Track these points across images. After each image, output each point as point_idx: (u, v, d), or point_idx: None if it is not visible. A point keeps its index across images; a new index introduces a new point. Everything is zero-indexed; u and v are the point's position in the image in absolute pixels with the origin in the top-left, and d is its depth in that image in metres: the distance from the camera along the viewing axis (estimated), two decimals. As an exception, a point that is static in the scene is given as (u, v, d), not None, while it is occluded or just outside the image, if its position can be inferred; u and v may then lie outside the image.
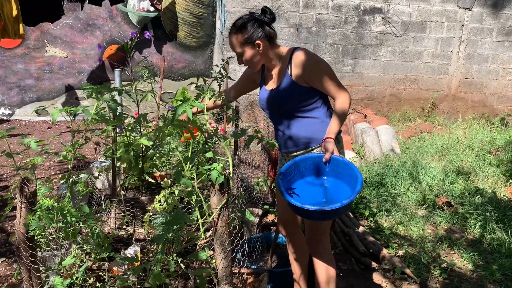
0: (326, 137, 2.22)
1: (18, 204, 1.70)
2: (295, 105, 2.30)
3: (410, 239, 3.80)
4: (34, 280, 1.80)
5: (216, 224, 1.79)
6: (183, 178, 1.68)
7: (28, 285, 1.81)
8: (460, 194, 4.60)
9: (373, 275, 3.22)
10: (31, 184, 1.69)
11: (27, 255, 1.72)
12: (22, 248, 1.72)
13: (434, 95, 7.85)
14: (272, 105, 2.36)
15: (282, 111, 2.34)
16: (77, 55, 7.20)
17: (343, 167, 2.19)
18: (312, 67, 2.23)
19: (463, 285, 3.17)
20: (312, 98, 2.30)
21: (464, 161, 5.51)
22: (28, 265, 1.75)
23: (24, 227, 1.69)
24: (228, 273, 1.83)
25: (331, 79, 2.27)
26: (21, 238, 1.72)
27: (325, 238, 2.42)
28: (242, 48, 2.24)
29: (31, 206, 1.68)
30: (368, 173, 5.10)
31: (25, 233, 1.69)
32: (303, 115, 2.33)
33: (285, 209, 2.55)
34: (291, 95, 2.28)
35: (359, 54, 7.56)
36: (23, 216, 1.69)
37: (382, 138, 6.10)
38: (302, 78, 2.25)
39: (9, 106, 7.24)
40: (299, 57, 2.25)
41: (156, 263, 1.76)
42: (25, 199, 1.68)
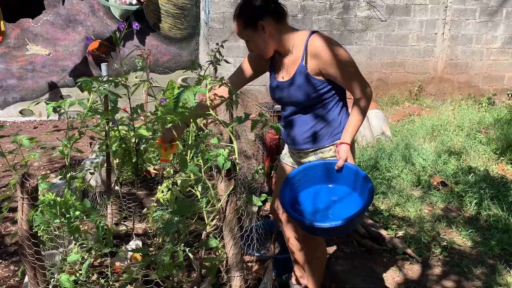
0: (341, 142, 2.04)
1: (20, 200, 1.65)
2: (308, 100, 2.07)
3: (408, 219, 3.82)
4: (40, 277, 1.75)
5: (225, 211, 1.75)
6: (190, 165, 1.63)
7: (33, 283, 1.76)
8: (453, 174, 4.64)
9: (375, 256, 3.23)
10: (32, 179, 1.63)
11: (31, 252, 1.67)
12: (26, 246, 1.67)
13: (421, 77, 7.89)
14: (283, 99, 2.16)
15: (293, 105, 2.14)
16: (60, 52, 7.05)
17: (356, 176, 2.02)
18: (331, 57, 1.95)
19: (464, 261, 3.20)
20: (327, 93, 2.07)
21: (455, 141, 5.56)
22: (33, 262, 1.70)
23: (27, 223, 1.63)
24: (238, 260, 1.80)
25: (352, 72, 2.01)
26: (24, 235, 1.66)
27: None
28: (245, 33, 1.99)
29: (33, 202, 1.63)
30: (362, 157, 5.10)
31: (29, 230, 1.64)
32: (316, 111, 2.11)
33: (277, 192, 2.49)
34: (305, 89, 2.04)
35: (345, 40, 7.55)
36: (26, 212, 1.64)
37: (373, 122, 6.11)
38: (319, 70, 2.00)
39: (-8, 107, 7.07)
40: (315, 45, 1.97)
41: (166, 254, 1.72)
42: (27, 194, 1.62)
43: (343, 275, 2.64)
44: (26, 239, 1.66)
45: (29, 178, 1.63)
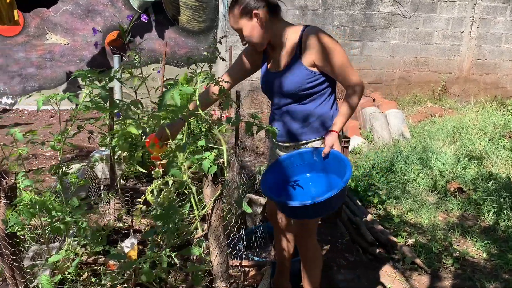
0: (330, 129, 2.04)
1: (-4, 198, 1.58)
2: (301, 92, 2.07)
3: (421, 227, 3.66)
4: (18, 279, 1.69)
5: (210, 218, 1.66)
6: (172, 169, 1.54)
7: (11, 284, 1.70)
8: (472, 180, 4.43)
9: (381, 265, 3.09)
10: (9, 177, 1.56)
11: (7, 252, 1.61)
12: (3, 246, 1.61)
13: (445, 77, 7.61)
14: (276, 90, 2.14)
15: (286, 97, 2.12)
16: (78, 42, 7.07)
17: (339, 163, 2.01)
18: (326, 50, 1.99)
19: (477, 275, 3.03)
20: (320, 85, 2.08)
21: (477, 145, 5.32)
22: (9, 263, 1.64)
23: (3, 223, 1.57)
24: (224, 269, 1.70)
25: (346, 66, 2.03)
26: (1, 236, 1.60)
27: (313, 231, 2.31)
28: (240, 22, 2.00)
29: (9, 201, 1.56)
30: (377, 159, 4.93)
31: (5, 229, 1.58)
32: (308, 104, 2.12)
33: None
34: (299, 81, 2.05)
35: (367, 36, 7.33)
36: (2, 211, 1.58)
37: (391, 123, 5.91)
38: (313, 62, 2.02)
39: (11, 95, 7.16)
40: (311, 38, 2.01)
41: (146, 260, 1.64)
42: (3, 193, 1.56)
43: (344, 285, 2.52)
44: (2, 239, 1.60)
45: (5, 176, 1.56)
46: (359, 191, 4.19)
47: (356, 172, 4.69)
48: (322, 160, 2.06)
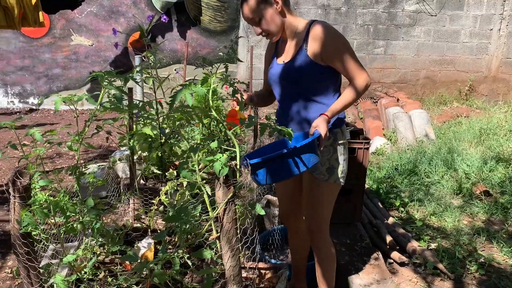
0: (322, 113, 1.99)
1: (12, 198, 1.60)
2: (306, 84, 2.08)
3: (444, 231, 3.55)
4: (33, 278, 1.71)
5: (222, 220, 1.63)
6: (183, 171, 1.52)
7: (27, 283, 1.72)
8: (500, 183, 4.28)
9: (402, 270, 3.01)
10: (24, 178, 1.57)
11: (22, 252, 1.62)
12: (17, 245, 1.63)
13: (472, 76, 7.40)
14: (282, 81, 2.14)
15: (291, 88, 2.12)
16: (102, 43, 7.17)
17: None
18: (331, 43, 1.99)
19: (503, 282, 2.91)
20: (325, 81, 2.08)
21: (505, 147, 5.14)
22: (24, 262, 1.65)
23: (18, 223, 1.58)
24: (236, 273, 1.68)
25: (351, 58, 2.02)
26: (16, 235, 1.62)
27: (325, 229, 2.26)
28: (257, 11, 2.00)
29: (24, 201, 1.58)
30: (400, 160, 4.83)
31: (19, 230, 1.59)
32: (312, 98, 2.11)
33: (286, 200, 2.41)
34: (304, 73, 2.06)
35: (391, 35, 7.19)
36: (17, 211, 1.59)
37: (416, 123, 5.78)
38: (319, 55, 2.02)
39: (37, 95, 7.33)
40: (317, 31, 2.01)
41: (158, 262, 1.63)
42: (18, 193, 1.57)
43: (362, 290, 2.46)
44: (17, 238, 1.62)
45: (21, 177, 1.58)
46: (381, 193, 4.11)
47: (378, 174, 4.60)
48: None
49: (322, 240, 2.25)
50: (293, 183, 2.34)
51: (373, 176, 4.55)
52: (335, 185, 2.20)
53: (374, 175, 4.57)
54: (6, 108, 7.28)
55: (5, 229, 3.44)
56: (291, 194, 2.39)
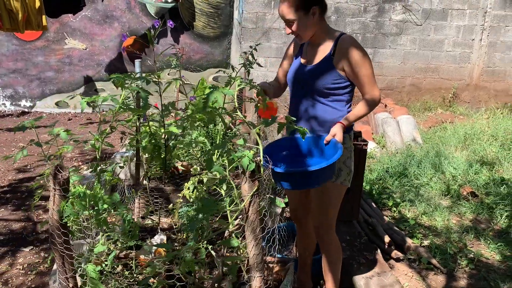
0: (338, 121, 2.18)
1: (52, 191, 1.71)
2: (325, 89, 2.22)
3: (435, 229, 3.75)
4: (68, 266, 1.81)
5: (248, 211, 1.77)
6: (215, 166, 1.66)
7: (61, 271, 1.83)
8: (484, 185, 4.52)
9: (398, 265, 3.19)
10: (64, 171, 1.69)
11: (60, 241, 1.73)
12: (56, 235, 1.74)
13: (456, 84, 7.71)
14: (303, 81, 2.27)
15: (310, 90, 2.26)
16: (96, 47, 7.24)
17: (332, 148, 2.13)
18: (357, 57, 2.14)
19: (491, 275, 3.11)
20: (342, 90, 2.24)
21: (488, 151, 5.41)
22: (61, 251, 1.76)
23: (58, 214, 1.69)
24: (259, 260, 1.82)
25: (370, 75, 2.19)
26: (55, 225, 1.73)
27: (332, 227, 2.43)
28: (296, 13, 2.11)
29: (64, 193, 1.69)
30: (390, 163, 5.04)
31: (59, 220, 1.70)
32: (327, 102, 2.25)
33: (295, 198, 2.55)
34: (326, 79, 2.20)
35: (379, 43, 7.45)
36: (57, 203, 1.70)
37: (403, 128, 6.02)
38: (342, 65, 2.17)
39: (30, 98, 7.33)
40: (346, 44, 2.15)
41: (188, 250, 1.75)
42: (59, 186, 1.69)
43: (364, 282, 2.62)
44: (56, 228, 1.73)
45: (61, 170, 1.69)
46: (373, 194, 4.30)
47: (370, 176, 4.79)
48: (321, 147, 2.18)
49: (330, 237, 2.40)
50: None
51: (365, 178, 4.73)
52: (342, 187, 2.36)
53: (366, 177, 4.76)
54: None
55: (12, 228, 3.50)
56: (300, 194, 2.54)
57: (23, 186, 4.34)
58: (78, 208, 1.68)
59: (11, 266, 3.00)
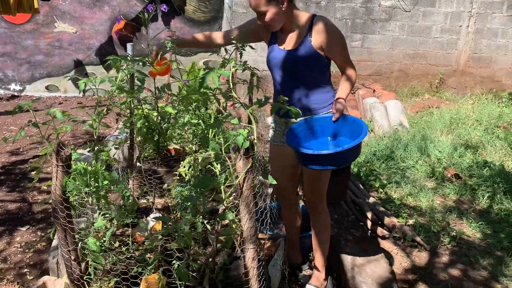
0: (338, 97, 2.30)
1: (55, 167, 1.79)
2: (310, 71, 2.33)
3: (420, 209, 3.90)
4: (69, 239, 1.90)
5: (242, 187, 1.87)
6: (211, 143, 1.75)
7: (63, 244, 1.91)
8: (468, 167, 4.67)
9: (384, 242, 3.33)
10: (66, 149, 1.77)
11: (63, 215, 1.82)
12: (59, 209, 1.82)
13: (443, 70, 7.84)
14: (287, 66, 2.37)
15: (295, 74, 2.37)
16: (86, 30, 7.22)
17: (352, 125, 2.25)
18: (333, 36, 2.27)
19: (472, 252, 3.27)
20: (324, 67, 2.36)
21: (473, 135, 5.57)
22: (64, 225, 1.85)
23: (61, 189, 1.77)
24: (253, 233, 1.92)
25: (346, 52, 2.36)
26: (58, 200, 1.81)
27: (324, 199, 2.58)
28: (267, 6, 2.21)
29: (67, 169, 1.77)
30: (378, 147, 5.17)
31: (62, 195, 1.78)
32: (313, 82, 2.38)
33: (280, 176, 2.65)
34: (308, 60, 2.30)
35: (368, 29, 7.54)
36: (60, 178, 1.78)
37: (391, 113, 6.15)
38: (321, 45, 2.28)
39: (19, 82, 7.30)
40: (321, 25, 2.27)
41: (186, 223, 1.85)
42: (61, 162, 1.76)
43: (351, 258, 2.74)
44: (59, 203, 1.81)
45: (63, 148, 1.77)
46: (361, 176, 4.43)
47: (358, 159, 4.92)
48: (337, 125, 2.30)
49: (322, 209, 2.54)
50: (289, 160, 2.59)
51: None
52: None
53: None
54: (-13, 94, 7.25)
55: (8, 208, 3.57)
56: (286, 171, 2.65)
57: (17, 168, 4.39)
58: (80, 183, 1.76)
59: (9, 245, 3.08)
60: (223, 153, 1.80)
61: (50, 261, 2.56)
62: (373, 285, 2.47)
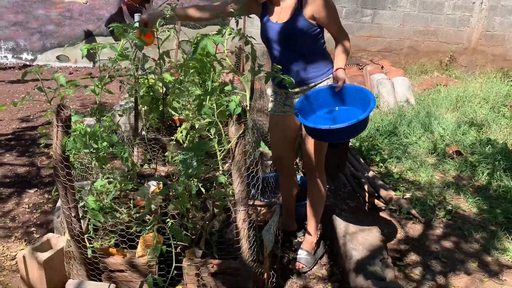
0: (337, 68, 2.35)
1: (55, 127, 1.88)
2: (304, 41, 2.38)
3: (418, 184, 3.95)
4: (70, 197, 2.00)
5: (234, 152, 1.95)
6: (204, 108, 1.82)
7: (64, 201, 2.02)
8: (471, 145, 4.69)
9: (380, 214, 3.40)
10: (66, 110, 1.85)
11: (63, 173, 1.91)
12: (59, 168, 1.91)
13: (453, 48, 7.75)
14: (282, 39, 2.41)
15: (292, 46, 2.41)
16: (96, 1, 7.24)
17: (355, 94, 2.31)
18: (324, 5, 2.31)
19: (466, 225, 3.33)
20: (317, 36, 2.40)
21: (478, 113, 5.55)
22: (64, 183, 1.95)
23: (61, 148, 1.87)
24: (244, 196, 2.01)
25: (338, 20, 2.41)
26: (58, 159, 1.90)
27: (323, 166, 2.66)
28: None
29: (66, 129, 1.86)
30: (382, 122, 5.19)
31: (62, 154, 1.88)
32: (309, 52, 2.43)
33: (280, 145, 2.73)
34: (302, 31, 2.34)
35: (379, 4, 7.44)
36: (60, 138, 1.87)
37: (398, 89, 6.14)
38: (313, 15, 2.32)
39: (31, 51, 7.40)
40: None
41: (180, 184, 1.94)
42: (61, 122, 1.85)
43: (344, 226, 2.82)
44: (60, 162, 1.91)
45: (63, 109, 1.85)
46: (362, 151, 4.48)
47: (361, 134, 4.96)
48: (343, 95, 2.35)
49: (319, 175, 2.64)
50: (288, 130, 2.66)
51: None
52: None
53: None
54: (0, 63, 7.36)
55: (17, 172, 3.70)
56: (286, 141, 2.72)
57: (27, 134, 4.52)
58: (79, 144, 1.85)
59: (17, 205, 3.22)
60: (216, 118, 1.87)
61: (54, 220, 2.69)
62: (363, 252, 2.56)
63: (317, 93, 2.38)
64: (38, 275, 2.29)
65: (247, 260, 2.11)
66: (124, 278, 2.29)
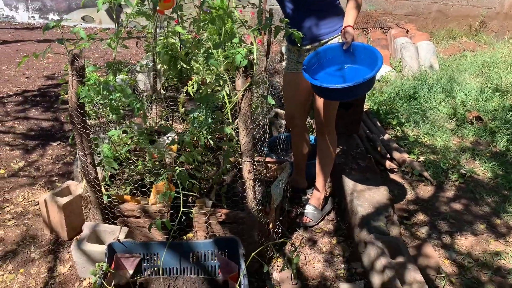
0: (345, 25, 2.32)
1: (70, 76, 1.96)
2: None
3: (434, 148, 3.93)
4: (85, 144, 2.11)
5: (240, 104, 2.00)
6: (211, 59, 1.86)
7: (80, 148, 2.13)
8: (493, 111, 4.60)
9: (391, 175, 3.43)
10: (80, 59, 1.93)
11: (79, 121, 2.02)
12: (75, 115, 2.02)
13: (484, 12, 7.46)
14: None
15: (303, 2, 2.41)
16: (120, -39, 7.25)
17: (364, 53, 2.31)
18: None
19: (478, 189, 3.32)
20: None
21: (504, 79, 5.40)
22: (80, 130, 2.05)
23: (76, 96, 1.96)
24: (250, 148, 2.07)
25: None
26: (73, 106, 2.00)
27: (334, 121, 2.68)
28: None
29: (81, 78, 1.94)
30: (402, 86, 5.13)
31: (77, 101, 1.97)
32: (321, 8, 2.42)
33: (293, 103, 2.75)
34: None
35: (407, -34, 7.20)
36: (74, 86, 1.96)
37: (421, 54, 6.00)
38: None
39: (57, 11, 7.52)
40: None
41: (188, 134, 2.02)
42: (76, 71, 1.94)
43: (352, 184, 2.87)
44: (75, 109, 2.00)
45: (78, 58, 1.93)
46: (380, 114, 4.46)
47: (380, 97, 4.92)
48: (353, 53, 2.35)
49: (329, 132, 2.68)
50: (301, 87, 2.69)
51: (375, 99, 4.87)
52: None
53: (376, 98, 4.90)
54: (28, 23, 7.52)
55: (42, 126, 3.87)
56: (299, 98, 2.75)
57: (51, 91, 4.68)
58: (93, 93, 1.93)
59: (41, 156, 3.38)
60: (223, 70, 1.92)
61: (74, 170, 2.84)
62: (368, 208, 2.61)
63: (326, 50, 2.39)
64: (58, 218, 2.45)
65: (252, 210, 2.19)
66: (137, 223, 2.42)
